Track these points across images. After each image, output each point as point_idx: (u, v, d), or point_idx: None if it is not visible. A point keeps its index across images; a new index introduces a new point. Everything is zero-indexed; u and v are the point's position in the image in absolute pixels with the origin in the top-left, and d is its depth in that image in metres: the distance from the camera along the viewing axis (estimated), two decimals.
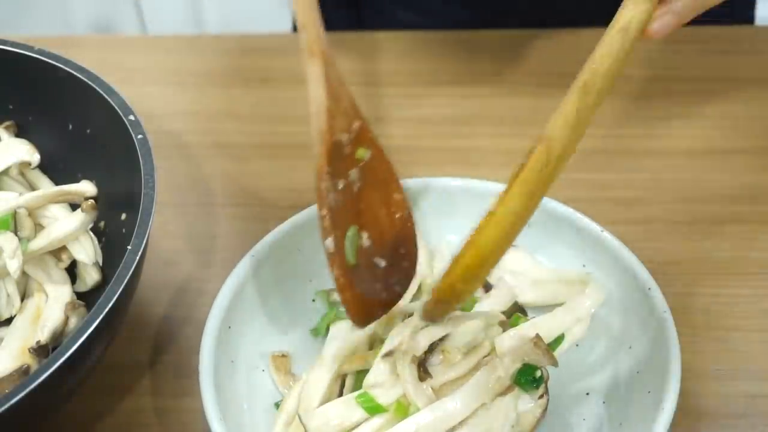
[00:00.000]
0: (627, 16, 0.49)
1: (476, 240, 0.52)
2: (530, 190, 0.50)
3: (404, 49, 0.93)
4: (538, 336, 0.57)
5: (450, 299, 0.55)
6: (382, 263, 0.59)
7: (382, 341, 0.61)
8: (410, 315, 0.61)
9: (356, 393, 0.58)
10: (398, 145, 0.83)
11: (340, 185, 0.57)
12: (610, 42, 0.49)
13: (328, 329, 0.64)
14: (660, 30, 0.51)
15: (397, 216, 0.61)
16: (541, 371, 0.57)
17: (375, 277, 0.58)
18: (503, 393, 0.56)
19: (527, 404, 0.57)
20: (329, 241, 0.56)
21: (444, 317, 0.57)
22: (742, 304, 0.69)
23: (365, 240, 0.58)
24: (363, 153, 0.59)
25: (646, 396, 0.58)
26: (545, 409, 0.58)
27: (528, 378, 0.57)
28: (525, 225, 0.52)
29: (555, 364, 0.57)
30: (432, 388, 0.58)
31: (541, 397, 0.57)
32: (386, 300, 0.59)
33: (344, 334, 0.63)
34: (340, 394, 0.60)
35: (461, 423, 0.56)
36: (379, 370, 0.58)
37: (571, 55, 0.91)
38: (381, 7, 1.01)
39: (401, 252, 0.60)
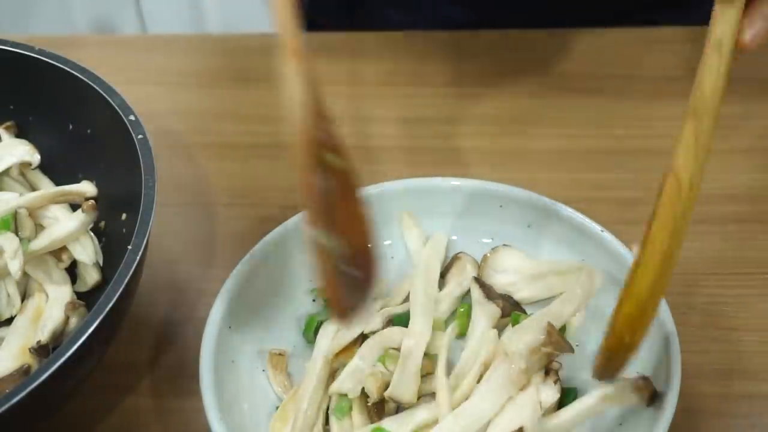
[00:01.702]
0: (717, 32, 0.48)
1: (631, 290, 0.52)
2: (671, 226, 0.50)
3: (399, 49, 0.93)
4: (549, 324, 0.57)
5: (621, 353, 0.54)
6: (355, 273, 0.56)
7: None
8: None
9: (372, 426, 0.58)
10: (395, 146, 0.83)
11: (321, 184, 0.55)
12: (708, 61, 0.48)
13: (316, 332, 0.64)
14: (754, 39, 0.49)
15: (363, 230, 0.59)
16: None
17: (350, 285, 0.56)
18: (524, 386, 0.56)
19: (547, 392, 0.57)
20: (319, 233, 0.53)
21: (618, 373, 0.56)
22: (742, 304, 0.69)
23: (340, 247, 0.55)
24: (333, 159, 0.56)
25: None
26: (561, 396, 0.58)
27: None
28: (676, 264, 0.51)
29: (570, 350, 0.57)
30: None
31: (555, 382, 0.58)
32: (359, 310, 0.56)
33: (333, 333, 0.63)
34: None
35: (491, 422, 0.55)
36: (346, 378, 0.59)
37: (569, 55, 0.92)
38: (373, 7, 1.01)
39: (367, 265, 0.58)
